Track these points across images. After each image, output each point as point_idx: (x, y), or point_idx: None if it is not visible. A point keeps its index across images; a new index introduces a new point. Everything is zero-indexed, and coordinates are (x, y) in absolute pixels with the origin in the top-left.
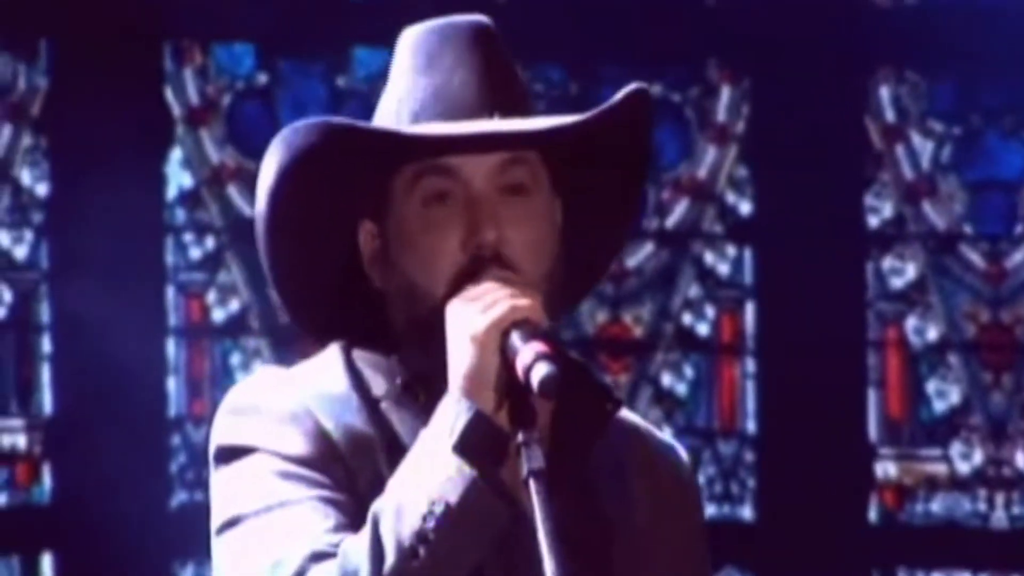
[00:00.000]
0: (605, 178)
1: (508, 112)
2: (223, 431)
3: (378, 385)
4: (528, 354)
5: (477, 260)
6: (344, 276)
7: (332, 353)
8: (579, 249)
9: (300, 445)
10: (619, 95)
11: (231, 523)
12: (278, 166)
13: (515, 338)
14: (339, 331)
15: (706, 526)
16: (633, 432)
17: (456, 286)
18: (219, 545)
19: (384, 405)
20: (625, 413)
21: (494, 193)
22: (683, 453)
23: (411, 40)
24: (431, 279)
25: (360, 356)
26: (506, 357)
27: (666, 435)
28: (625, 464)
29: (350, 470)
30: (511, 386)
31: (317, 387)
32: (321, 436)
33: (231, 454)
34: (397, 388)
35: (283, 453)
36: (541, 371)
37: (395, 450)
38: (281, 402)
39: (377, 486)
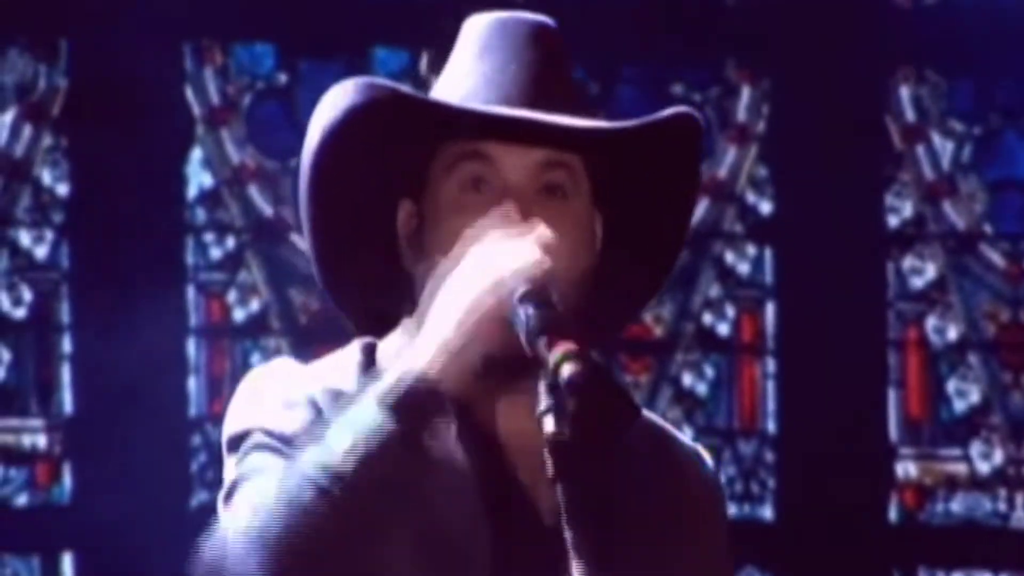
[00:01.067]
0: (650, 205)
1: (558, 107)
2: (229, 420)
3: None
4: (557, 352)
5: None
6: (385, 258)
7: (351, 351)
8: (618, 277)
9: (295, 428)
10: (667, 111)
11: (225, 498)
12: (323, 125)
13: (543, 335)
14: (375, 315)
15: (730, 534)
16: (659, 436)
17: None
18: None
19: None
20: (650, 416)
21: (531, 190)
22: (708, 459)
23: (474, 27)
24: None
25: (385, 352)
26: (536, 353)
27: (689, 440)
28: (649, 468)
29: None
30: (544, 384)
31: (327, 383)
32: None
33: (235, 442)
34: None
35: (276, 432)
36: (569, 369)
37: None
38: (285, 390)
39: None
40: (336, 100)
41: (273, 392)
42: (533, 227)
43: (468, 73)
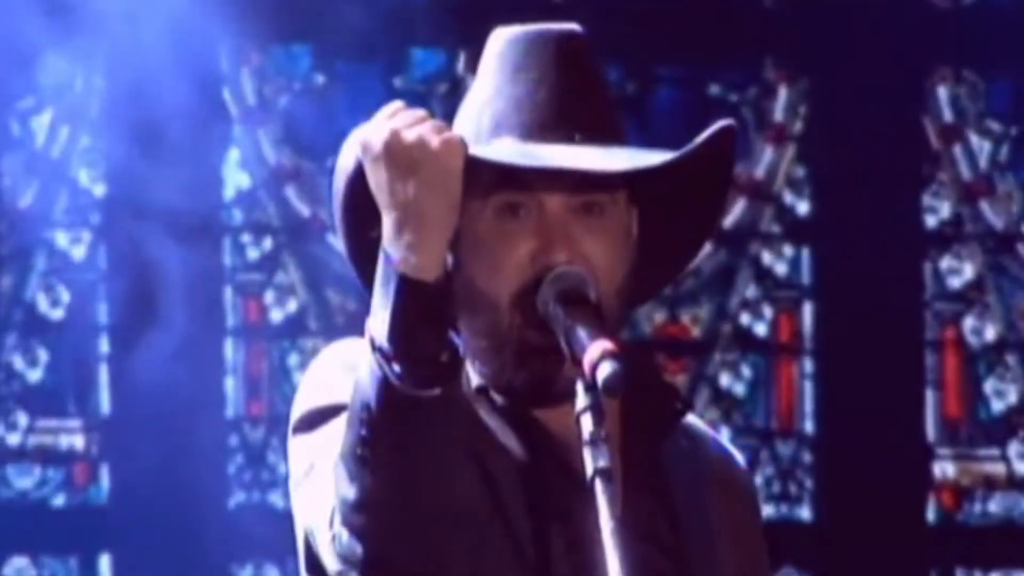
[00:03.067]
0: (684, 196)
1: (591, 132)
2: (301, 400)
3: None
4: (595, 351)
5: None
6: None
7: None
8: (651, 256)
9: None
10: (707, 134)
11: (307, 472)
12: (355, 163)
13: (581, 333)
14: None
15: (766, 532)
16: (701, 436)
17: (520, 298)
18: (296, 494)
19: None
20: (689, 417)
21: (568, 212)
22: (741, 460)
23: (500, 45)
24: (496, 288)
25: None
26: (573, 352)
27: (723, 440)
28: (699, 467)
29: None
30: (581, 384)
31: None
32: None
33: (309, 420)
34: (471, 389)
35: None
36: (607, 369)
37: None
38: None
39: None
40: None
41: (343, 368)
42: (572, 247)
43: (497, 95)
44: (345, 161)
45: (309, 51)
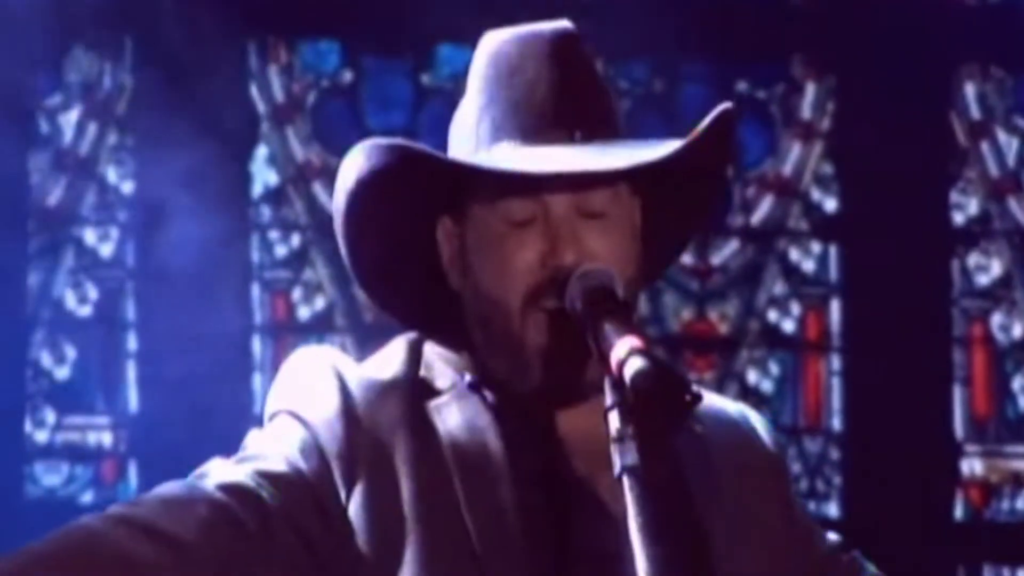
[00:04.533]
0: (686, 181)
1: (590, 129)
2: (267, 402)
3: (444, 378)
4: (623, 348)
5: (554, 282)
6: (426, 268)
7: (399, 344)
8: (654, 240)
9: (321, 414)
10: (707, 121)
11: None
12: (356, 176)
13: (608, 330)
14: (421, 321)
15: (796, 489)
16: (719, 419)
17: (530, 300)
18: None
19: (442, 399)
20: (710, 397)
21: (574, 214)
22: (757, 416)
23: (491, 48)
24: (507, 291)
25: (434, 348)
26: (600, 349)
27: (736, 403)
28: (711, 449)
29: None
30: (609, 381)
31: (364, 371)
32: (345, 433)
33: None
34: (462, 384)
35: (300, 415)
36: (635, 366)
37: (429, 445)
38: (317, 375)
39: (387, 476)
40: (369, 153)
41: (305, 377)
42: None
43: (493, 100)
44: (345, 178)
45: (337, 48)
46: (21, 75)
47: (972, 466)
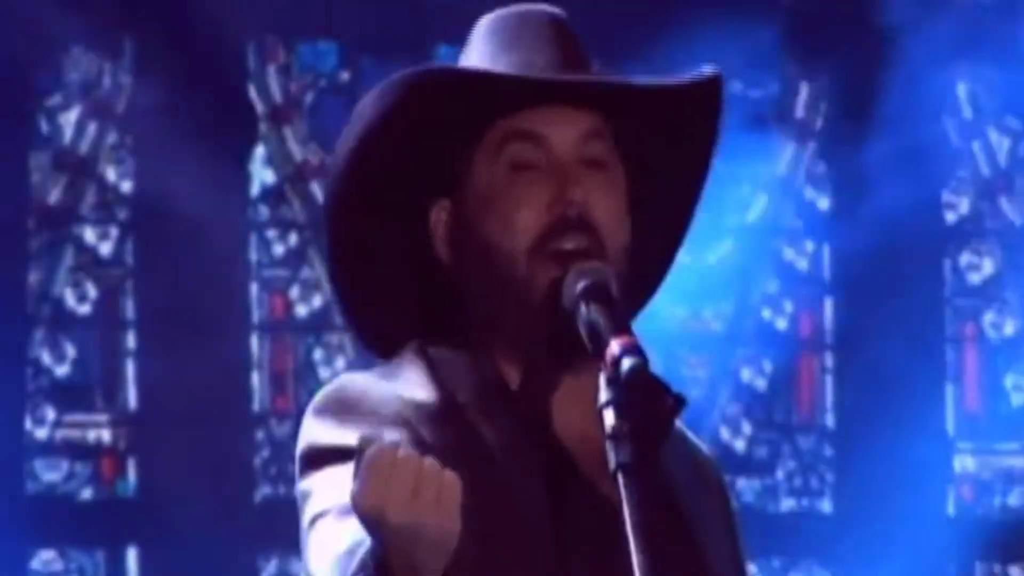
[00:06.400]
0: (670, 167)
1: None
2: (318, 430)
3: (463, 391)
4: (616, 346)
5: (562, 221)
6: (410, 273)
7: (410, 358)
8: (643, 243)
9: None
10: (695, 73)
11: (311, 522)
12: (356, 133)
13: (603, 327)
14: (402, 331)
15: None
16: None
17: (539, 245)
18: (306, 539)
19: (471, 413)
20: None
21: (575, 163)
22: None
23: (490, 24)
24: (513, 238)
25: (437, 355)
26: (595, 347)
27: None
28: (680, 462)
29: None
30: (604, 378)
31: (404, 394)
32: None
33: (323, 455)
34: (480, 392)
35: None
36: (628, 364)
37: (482, 460)
38: (380, 406)
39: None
40: (373, 99)
41: (371, 407)
42: (583, 197)
43: (492, 63)
44: (335, 191)
45: (335, 48)
46: (21, 75)
47: (964, 463)
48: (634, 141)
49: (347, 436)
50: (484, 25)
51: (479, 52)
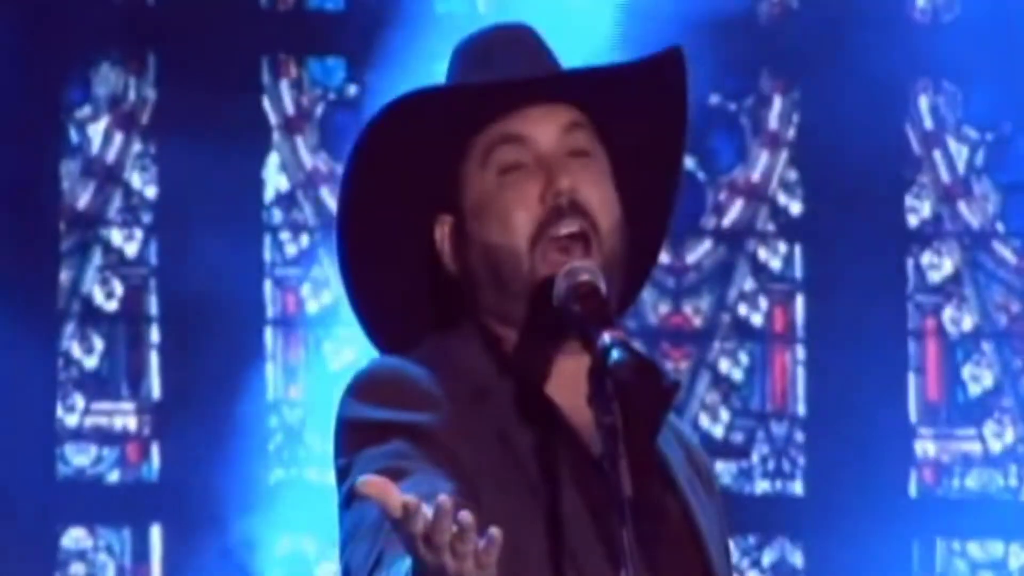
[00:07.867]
0: (649, 149)
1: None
2: (359, 408)
3: (483, 378)
4: (605, 340)
5: (555, 210)
6: (420, 279)
7: (432, 347)
8: (631, 229)
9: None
10: (657, 53)
11: (347, 502)
12: (351, 164)
13: (592, 324)
14: (412, 328)
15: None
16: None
17: (536, 238)
18: (342, 516)
19: (495, 398)
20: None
21: (561, 156)
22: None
23: (464, 44)
24: (511, 235)
25: (454, 347)
26: (585, 342)
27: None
28: (676, 448)
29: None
30: (593, 371)
31: (435, 379)
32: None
33: (363, 433)
34: (498, 380)
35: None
36: (615, 356)
37: (506, 446)
38: (414, 389)
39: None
40: (369, 123)
41: (390, 390)
42: (570, 186)
43: (470, 79)
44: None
45: (343, 64)
46: (53, 89)
47: (925, 448)
48: (613, 130)
49: (385, 414)
50: (459, 47)
51: (456, 72)
